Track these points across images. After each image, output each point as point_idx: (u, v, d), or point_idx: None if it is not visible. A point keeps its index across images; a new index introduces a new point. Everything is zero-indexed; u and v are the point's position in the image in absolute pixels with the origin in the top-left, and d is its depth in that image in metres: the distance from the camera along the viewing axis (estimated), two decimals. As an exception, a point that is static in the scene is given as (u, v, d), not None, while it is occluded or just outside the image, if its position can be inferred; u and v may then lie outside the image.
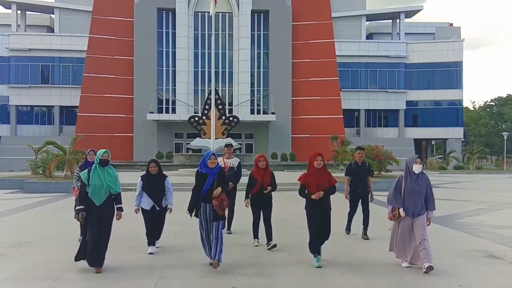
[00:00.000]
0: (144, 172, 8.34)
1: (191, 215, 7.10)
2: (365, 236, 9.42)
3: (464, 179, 31.07)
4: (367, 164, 9.97)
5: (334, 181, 7.21)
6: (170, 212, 8.21)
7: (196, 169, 7.17)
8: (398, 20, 56.84)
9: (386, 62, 54.34)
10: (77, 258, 6.96)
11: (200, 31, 48.94)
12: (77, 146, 24.92)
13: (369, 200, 9.68)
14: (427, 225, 7.07)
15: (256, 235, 8.70)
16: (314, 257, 7.12)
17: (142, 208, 8.09)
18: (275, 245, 8.26)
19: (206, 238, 7.00)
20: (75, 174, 9.17)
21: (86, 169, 7.04)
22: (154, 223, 8.10)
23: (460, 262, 7.44)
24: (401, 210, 6.96)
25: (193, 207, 7.07)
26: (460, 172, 41.77)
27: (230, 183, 8.93)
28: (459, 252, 8.04)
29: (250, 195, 8.61)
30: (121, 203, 7.09)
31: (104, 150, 6.98)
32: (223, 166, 8.88)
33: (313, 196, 7.03)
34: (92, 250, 6.70)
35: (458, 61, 54.79)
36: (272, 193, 8.51)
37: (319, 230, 7.11)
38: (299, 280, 6.48)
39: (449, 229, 10.65)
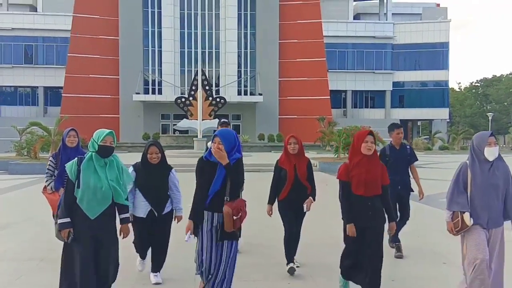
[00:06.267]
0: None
1: (190, 235, 4.39)
2: (395, 249, 6.75)
3: (449, 159, 31.40)
4: (408, 147, 7.04)
5: (387, 179, 4.82)
6: (179, 221, 5.51)
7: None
8: (385, 0, 56.74)
9: (373, 42, 54.34)
10: None
11: (186, 10, 48.33)
12: (62, 127, 24.57)
13: (419, 197, 7.07)
14: None
15: (291, 257, 5.79)
16: (343, 282, 5.02)
17: (134, 216, 5.32)
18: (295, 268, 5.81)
19: (206, 269, 4.32)
20: (47, 166, 6.19)
21: (75, 159, 4.39)
22: (152, 239, 5.45)
23: (445, 240, 7.54)
24: (465, 215, 4.40)
25: (198, 217, 4.40)
26: (445, 153, 42.19)
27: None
28: (444, 230, 8.12)
29: (277, 198, 5.91)
30: (127, 212, 4.55)
31: (108, 131, 4.44)
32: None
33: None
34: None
35: (444, 42, 54.96)
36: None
37: (363, 257, 4.71)
38: None
39: (434, 208, 10.79)
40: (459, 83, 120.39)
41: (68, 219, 4.24)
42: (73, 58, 46.75)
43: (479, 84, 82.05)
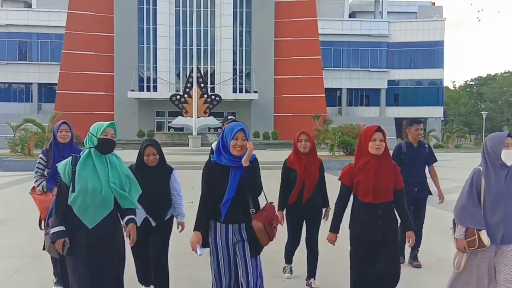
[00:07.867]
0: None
1: (201, 247, 3.69)
2: (415, 261, 6.16)
3: (443, 158, 31.49)
4: (426, 145, 6.33)
5: (401, 182, 4.11)
6: (182, 229, 4.76)
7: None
8: (380, -1, 56.88)
9: (369, 41, 54.47)
10: None
11: (181, 7, 48.22)
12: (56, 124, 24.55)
13: (439, 201, 6.42)
14: None
15: (289, 259, 5.67)
16: None
17: None
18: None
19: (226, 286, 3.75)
20: (37, 164, 5.24)
21: (69, 158, 3.66)
22: (150, 250, 4.63)
23: (438, 238, 7.59)
24: (483, 234, 3.78)
25: (203, 228, 3.74)
26: (440, 151, 42.28)
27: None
28: (438, 228, 8.18)
29: (286, 202, 5.32)
30: (134, 214, 3.80)
31: (108, 122, 3.81)
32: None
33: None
34: None
35: (439, 41, 55.16)
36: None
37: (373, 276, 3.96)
38: None
39: (428, 206, 10.78)
40: (454, 81, 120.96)
41: (62, 228, 3.53)
42: (68, 54, 46.57)
43: (473, 83, 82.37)
